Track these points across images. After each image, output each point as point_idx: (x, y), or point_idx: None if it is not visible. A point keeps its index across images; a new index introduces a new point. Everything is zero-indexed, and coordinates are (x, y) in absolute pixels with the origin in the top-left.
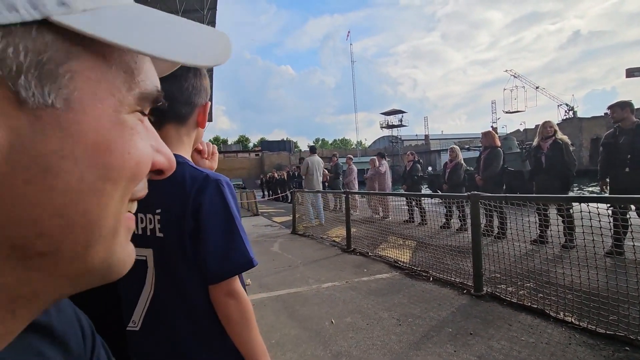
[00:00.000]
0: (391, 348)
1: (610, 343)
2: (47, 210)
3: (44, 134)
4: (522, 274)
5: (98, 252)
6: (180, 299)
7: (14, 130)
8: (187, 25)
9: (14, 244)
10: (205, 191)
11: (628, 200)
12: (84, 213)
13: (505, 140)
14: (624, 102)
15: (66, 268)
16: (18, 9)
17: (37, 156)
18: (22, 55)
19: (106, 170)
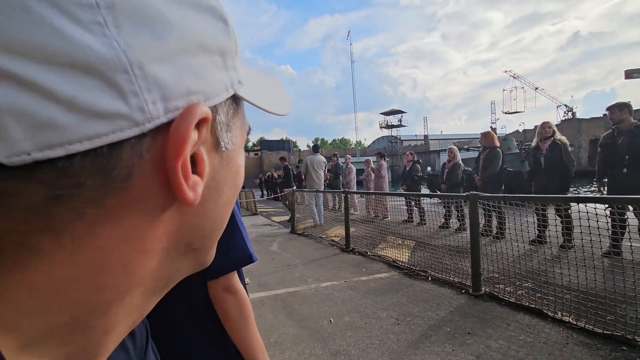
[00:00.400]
0: (389, 347)
1: (608, 343)
2: (210, 218)
3: (222, 167)
4: (521, 274)
5: (213, 248)
6: (179, 294)
7: (213, 167)
8: (271, 80)
9: (188, 243)
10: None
11: (626, 200)
12: (222, 220)
13: (504, 141)
14: (623, 104)
15: (199, 259)
16: (228, 89)
17: (217, 182)
18: (224, 116)
19: (236, 188)
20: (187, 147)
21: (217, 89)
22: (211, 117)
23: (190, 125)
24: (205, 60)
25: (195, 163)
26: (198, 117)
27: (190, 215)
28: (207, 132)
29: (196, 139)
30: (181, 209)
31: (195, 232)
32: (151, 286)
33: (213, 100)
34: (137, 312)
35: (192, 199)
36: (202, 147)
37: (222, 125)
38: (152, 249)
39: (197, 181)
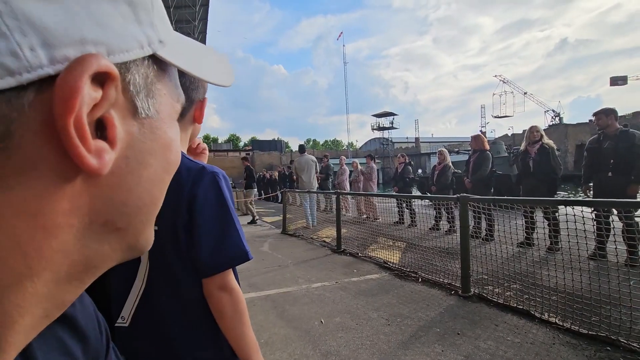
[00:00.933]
0: (380, 348)
1: (593, 343)
2: (134, 194)
3: (144, 135)
4: (509, 275)
5: (147, 230)
6: (173, 293)
7: (130, 134)
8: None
9: (106, 220)
10: (200, 183)
11: (611, 204)
12: (152, 198)
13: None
14: (609, 110)
15: (127, 242)
16: (143, 46)
17: (139, 153)
18: (141, 78)
19: (168, 164)
20: (79, 102)
21: (127, 43)
22: (118, 75)
23: (81, 76)
24: (108, 7)
25: (104, 128)
26: (93, 69)
27: (105, 187)
28: (116, 92)
29: (98, 97)
30: (91, 179)
31: (115, 209)
32: (62, 272)
33: (121, 55)
34: (48, 302)
35: (95, 166)
36: (112, 110)
37: (139, 87)
38: (55, 226)
39: (103, 147)
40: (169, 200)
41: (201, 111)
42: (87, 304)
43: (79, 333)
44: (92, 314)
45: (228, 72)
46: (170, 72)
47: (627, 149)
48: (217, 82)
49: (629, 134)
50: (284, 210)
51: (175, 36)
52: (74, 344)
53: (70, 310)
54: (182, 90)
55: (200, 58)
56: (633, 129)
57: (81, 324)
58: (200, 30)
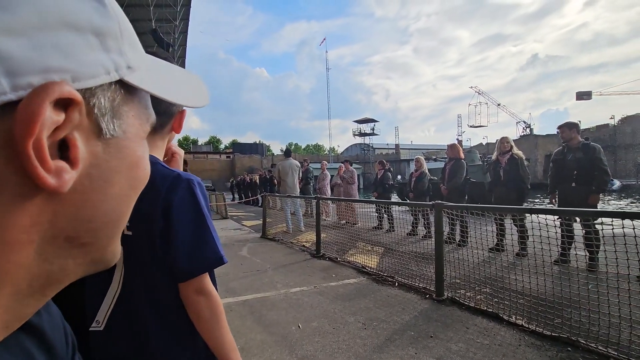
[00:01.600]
0: (356, 351)
1: (555, 344)
2: (100, 210)
3: (109, 155)
4: (480, 279)
5: (112, 244)
6: (149, 296)
7: (94, 154)
8: (182, 73)
9: (68, 236)
10: (176, 190)
11: (574, 212)
12: (118, 214)
13: (469, 153)
14: (571, 123)
15: (92, 256)
16: (110, 72)
17: (104, 171)
18: (107, 101)
19: (135, 181)
20: (38, 126)
21: (94, 70)
22: (81, 100)
23: (42, 102)
24: (74, 39)
25: (67, 148)
26: (55, 96)
27: (68, 204)
28: (80, 115)
29: (60, 120)
30: (52, 197)
31: (80, 225)
32: (23, 286)
33: (87, 81)
34: (8, 314)
35: (54, 185)
36: (75, 132)
37: (105, 110)
38: (16, 242)
39: (63, 167)
40: (144, 207)
41: (180, 122)
42: (55, 314)
43: (45, 343)
44: (59, 324)
45: (202, 94)
46: (140, 94)
47: (588, 161)
48: (188, 104)
49: (589, 147)
50: (264, 215)
51: (148, 60)
52: (40, 354)
53: (37, 320)
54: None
55: (172, 81)
56: (594, 142)
57: (48, 335)
58: (182, 30)
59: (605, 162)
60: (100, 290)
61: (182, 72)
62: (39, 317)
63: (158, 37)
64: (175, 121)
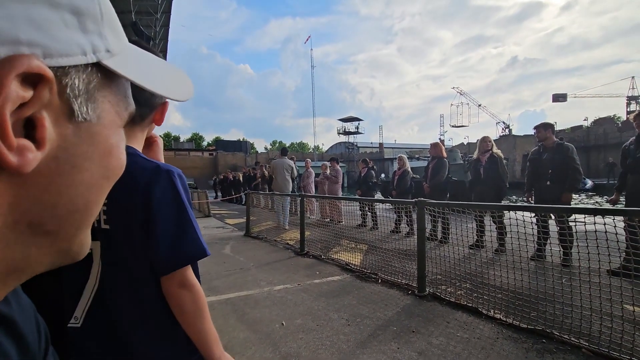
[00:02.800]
0: (339, 347)
1: (531, 336)
2: (65, 197)
3: (80, 139)
4: (461, 275)
5: (81, 235)
6: (128, 291)
7: (63, 136)
8: (166, 66)
9: (31, 221)
10: (156, 182)
11: (549, 209)
12: (86, 202)
13: (451, 152)
14: (547, 124)
15: (58, 246)
16: (86, 53)
17: (72, 156)
18: (82, 83)
19: (107, 170)
20: (1, 99)
21: (68, 49)
22: (52, 77)
23: (7, 74)
24: (49, 14)
25: (34, 127)
26: (22, 69)
27: (31, 188)
28: (50, 94)
29: (27, 97)
30: (14, 178)
31: (43, 211)
32: None
33: (59, 59)
34: None
35: (15, 163)
36: (44, 111)
37: (79, 92)
38: None
39: (27, 145)
40: (122, 199)
41: (162, 114)
42: (26, 305)
43: (16, 334)
44: (31, 315)
45: (186, 87)
46: (119, 81)
47: (561, 160)
48: (170, 96)
49: (563, 147)
50: (248, 213)
51: (131, 48)
52: (10, 344)
53: (6, 309)
54: (143, 96)
55: (155, 72)
56: (568, 143)
57: (19, 326)
58: (163, 23)
59: (577, 161)
60: (78, 286)
61: (166, 64)
62: (8, 306)
63: (138, 30)
64: (157, 113)
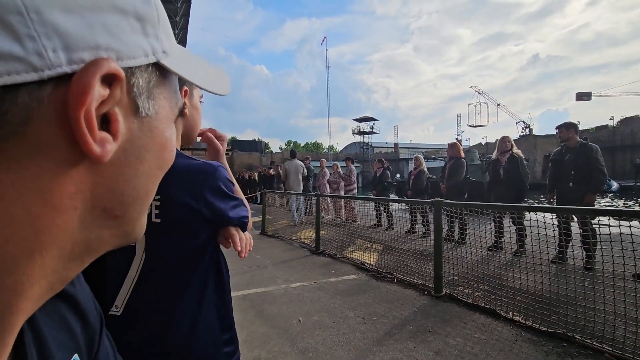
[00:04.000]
0: (356, 344)
1: (551, 340)
2: (130, 185)
3: (143, 132)
4: (478, 277)
5: (141, 219)
6: (167, 283)
7: (130, 130)
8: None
9: (105, 207)
10: (211, 178)
11: (571, 210)
12: (146, 190)
13: (468, 152)
14: (569, 124)
15: (123, 228)
16: (148, 55)
17: (137, 148)
18: (144, 82)
19: (162, 161)
20: (90, 97)
21: (134, 51)
22: (124, 77)
23: (93, 76)
24: (119, 21)
25: (108, 122)
26: (104, 71)
27: (105, 176)
28: (121, 92)
29: (105, 95)
30: (93, 167)
31: (114, 197)
32: (67, 250)
33: (128, 61)
34: (54, 276)
35: (98, 153)
36: (117, 107)
37: (142, 90)
38: (62, 206)
39: (107, 138)
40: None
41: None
42: (85, 287)
43: (79, 311)
44: (90, 297)
45: (225, 83)
46: (171, 79)
47: (585, 161)
48: (213, 90)
49: (587, 147)
50: (264, 211)
51: (179, 49)
52: (75, 320)
53: (72, 289)
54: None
55: (199, 69)
56: (592, 143)
57: (81, 303)
58: (182, 26)
59: (602, 162)
60: (120, 275)
61: (205, 62)
62: (73, 287)
63: None
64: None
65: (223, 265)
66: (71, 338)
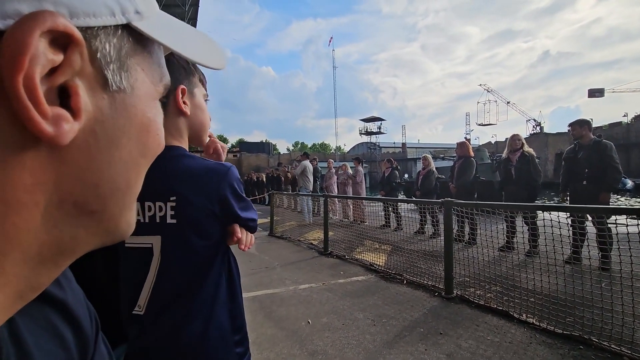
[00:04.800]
0: (366, 347)
1: (567, 342)
2: (106, 175)
3: (116, 111)
4: (490, 278)
5: (126, 215)
6: (185, 282)
7: (99, 108)
8: (198, 33)
9: (76, 201)
10: (224, 179)
11: (585, 210)
12: (127, 181)
13: (478, 151)
14: (583, 121)
15: (103, 226)
16: (115, 14)
17: (110, 129)
18: (112, 49)
19: (145, 147)
20: (27, 59)
21: (94, 7)
22: (81, 39)
23: (31, 31)
24: None
25: (67, 95)
26: (47, 26)
27: (72, 165)
28: (81, 60)
29: (58, 61)
30: (54, 153)
31: (86, 189)
32: (32, 252)
33: (87, 19)
34: (20, 283)
35: (51, 133)
36: (78, 78)
37: (110, 58)
38: (19, 202)
39: (62, 115)
40: (195, 196)
41: (178, 99)
42: (77, 291)
43: (70, 317)
44: (83, 301)
45: (219, 56)
46: (152, 48)
47: (599, 159)
48: (205, 63)
49: (601, 145)
50: (272, 213)
51: (161, 14)
52: (65, 327)
53: (61, 294)
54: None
55: (188, 38)
56: (606, 140)
57: (72, 309)
58: None
59: (616, 159)
60: (140, 277)
61: (197, 32)
62: (62, 291)
63: None
64: (176, 100)
65: (234, 265)
66: (61, 346)
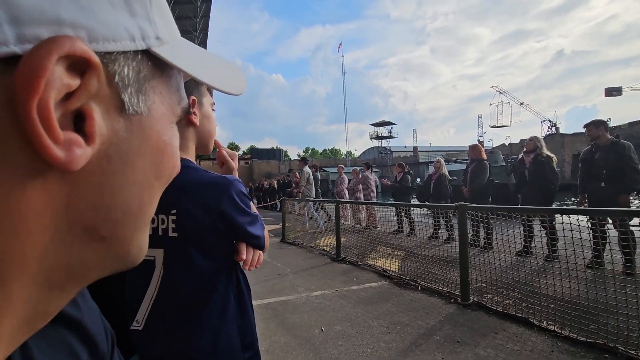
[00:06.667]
0: (380, 355)
1: (591, 350)
2: (119, 198)
3: (131, 134)
4: (508, 284)
5: (137, 239)
6: (187, 295)
7: (114, 131)
8: (217, 59)
9: (86, 225)
10: (226, 193)
11: (606, 212)
12: (140, 204)
13: (491, 154)
14: (599, 121)
15: (114, 251)
16: (135, 39)
17: (124, 152)
18: (131, 72)
19: (159, 169)
20: (43, 83)
21: (114, 33)
22: (99, 63)
23: (48, 55)
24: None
25: (82, 120)
26: (65, 50)
27: (85, 188)
28: (98, 83)
29: (74, 85)
30: (65, 178)
31: (97, 213)
32: (42, 277)
33: (106, 44)
34: (27, 310)
35: (62, 158)
36: (93, 102)
37: (128, 81)
38: (27, 226)
39: (75, 140)
40: (195, 209)
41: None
42: (93, 308)
43: (86, 337)
44: (99, 319)
45: (239, 81)
46: (170, 73)
47: (617, 159)
48: (225, 89)
49: (619, 145)
50: (283, 219)
51: (183, 41)
52: (81, 347)
53: (76, 313)
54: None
55: (208, 64)
56: (624, 140)
57: (88, 328)
58: (201, 40)
59: (636, 160)
60: (140, 291)
61: (217, 58)
62: (79, 311)
63: None
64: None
65: (243, 282)
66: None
